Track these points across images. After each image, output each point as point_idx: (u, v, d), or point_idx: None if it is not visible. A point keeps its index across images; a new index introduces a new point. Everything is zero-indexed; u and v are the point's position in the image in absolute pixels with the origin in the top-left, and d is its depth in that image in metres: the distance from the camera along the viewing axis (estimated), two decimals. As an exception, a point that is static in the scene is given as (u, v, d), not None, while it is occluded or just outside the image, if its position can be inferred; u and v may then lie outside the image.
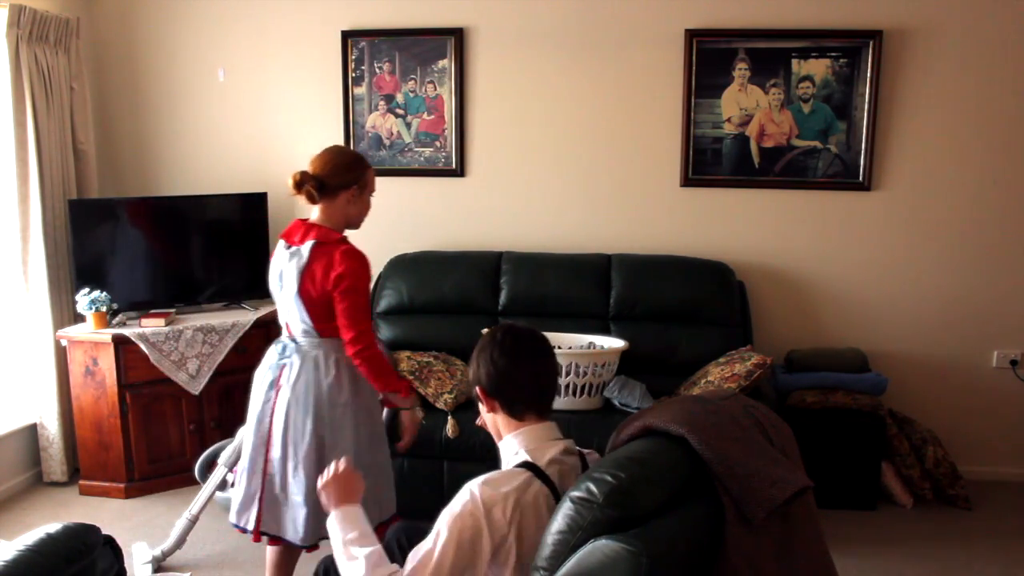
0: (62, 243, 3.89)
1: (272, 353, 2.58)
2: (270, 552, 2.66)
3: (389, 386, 2.49)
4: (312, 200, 2.46)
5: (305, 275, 2.41)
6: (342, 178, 2.45)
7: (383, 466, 2.63)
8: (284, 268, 2.49)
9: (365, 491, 2.07)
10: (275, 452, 2.49)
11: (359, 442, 2.50)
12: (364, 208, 2.54)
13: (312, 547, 2.57)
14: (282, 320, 2.57)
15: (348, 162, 2.49)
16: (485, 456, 2.89)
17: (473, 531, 1.63)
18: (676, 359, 3.70)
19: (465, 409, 3.35)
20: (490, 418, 1.87)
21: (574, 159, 4.07)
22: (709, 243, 3.98)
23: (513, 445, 1.81)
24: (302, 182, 2.42)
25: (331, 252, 2.40)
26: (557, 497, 1.69)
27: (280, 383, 2.51)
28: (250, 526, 2.55)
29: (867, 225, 3.91)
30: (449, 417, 3.32)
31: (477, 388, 1.84)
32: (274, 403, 2.51)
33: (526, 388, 1.81)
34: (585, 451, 1.92)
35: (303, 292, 2.42)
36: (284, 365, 2.51)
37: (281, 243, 2.55)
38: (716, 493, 1.67)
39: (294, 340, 2.51)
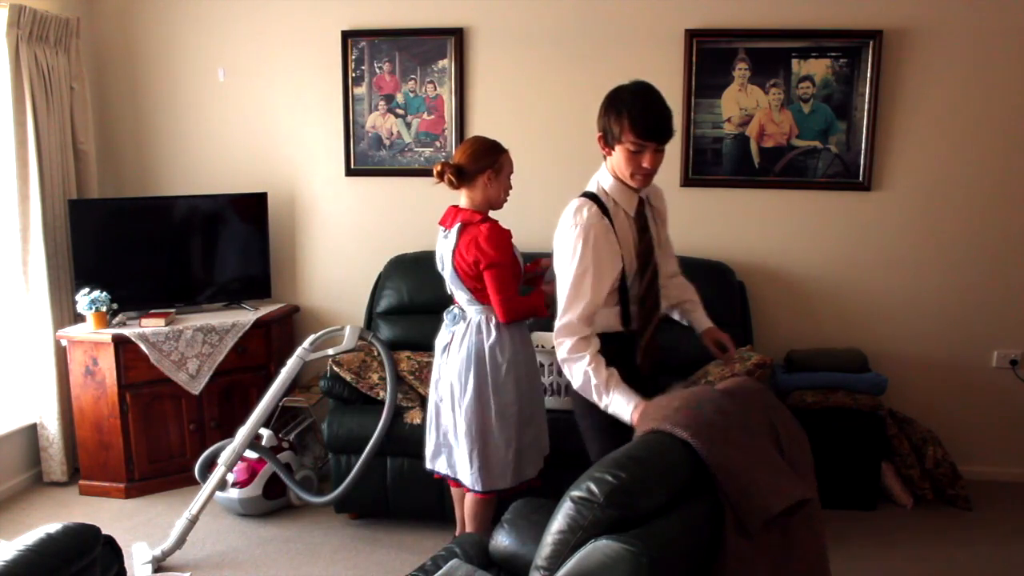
0: (62, 243, 3.89)
1: (445, 323, 2.92)
2: (455, 494, 3.05)
3: (538, 307, 2.81)
4: (453, 186, 2.77)
5: (456, 254, 2.74)
6: (478, 164, 2.74)
7: (543, 417, 2.94)
8: (442, 249, 2.84)
9: (530, 439, 2.81)
10: (445, 404, 2.87)
11: (521, 396, 2.81)
12: (502, 189, 2.81)
13: (486, 493, 2.79)
14: (450, 293, 2.92)
15: (483, 149, 2.77)
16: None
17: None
18: (676, 359, 3.69)
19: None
20: None
21: (574, 159, 4.06)
22: (709, 243, 3.98)
23: None
24: (442, 171, 2.74)
25: (475, 232, 2.72)
26: None
27: (450, 348, 2.86)
28: (437, 468, 2.95)
29: (867, 225, 3.91)
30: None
31: None
32: (445, 365, 2.87)
33: None
34: None
35: (457, 268, 2.76)
36: (453, 332, 2.86)
37: (440, 226, 2.88)
38: (717, 494, 1.67)
39: (461, 309, 2.86)
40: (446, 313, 2.92)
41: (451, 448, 2.89)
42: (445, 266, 2.83)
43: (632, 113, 2.25)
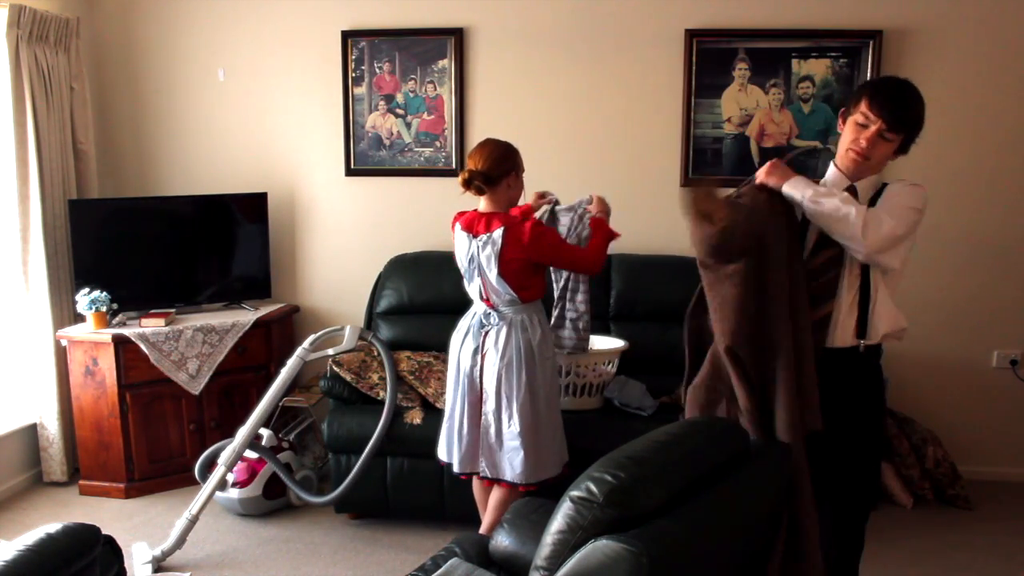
0: (62, 243, 3.89)
1: (471, 322, 2.92)
2: (479, 491, 3.07)
3: (604, 234, 2.94)
4: (480, 193, 2.83)
5: (504, 256, 2.77)
6: (502, 167, 2.81)
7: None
8: (477, 255, 2.83)
9: (557, 431, 2.91)
10: (489, 406, 2.86)
11: (558, 388, 2.99)
12: (520, 187, 2.91)
13: (531, 486, 2.82)
14: (475, 294, 2.93)
15: (504, 153, 2.83)
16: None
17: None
18: (676, 359, 3.67)
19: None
20: None
21: (574, 159, 4.07)
22: (709, 243, 3.98)
23: None
24: (471, 179, 2.78)
25: (520, 232, 2.77)
26: None
27: (485, 348, 2.86)
28: (477, 470, 2.93)
29: (867, 225, 3.91)
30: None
31: None
32: (482, 365, 2.87)
33: None
34: None
35: (505, 272, 2.79)
36: (488, 331, 2.87)
37: (462, 233, 2.89)
38: (721, 484, 1.67)
39: (496, 310, 2.87)
40: (483, 315, 2.90)
41: (492, 450, 2.88)
42: (483, 270, 2.83)
43: (877, 85, 2.20)
